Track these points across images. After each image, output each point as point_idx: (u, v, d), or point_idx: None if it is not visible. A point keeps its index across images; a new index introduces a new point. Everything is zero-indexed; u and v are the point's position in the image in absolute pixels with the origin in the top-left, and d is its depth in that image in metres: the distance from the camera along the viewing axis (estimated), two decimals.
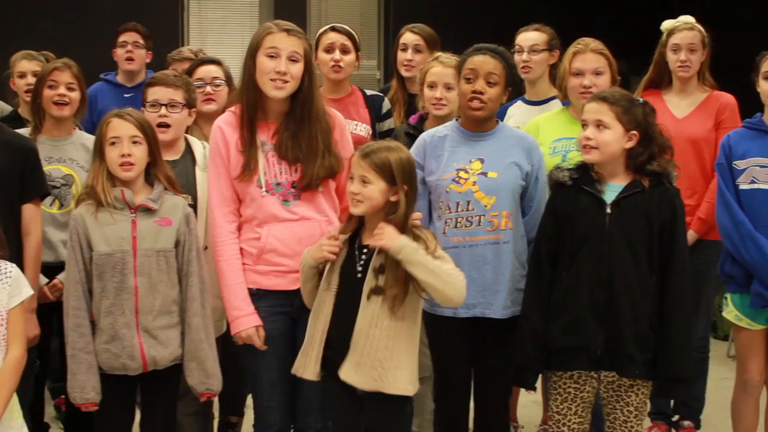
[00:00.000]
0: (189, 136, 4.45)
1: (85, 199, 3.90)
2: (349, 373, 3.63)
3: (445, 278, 3.60)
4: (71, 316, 3.84)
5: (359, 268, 3.70)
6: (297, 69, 3.83)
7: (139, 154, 3.88)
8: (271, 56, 3.82)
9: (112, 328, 3.82)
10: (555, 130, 4.78)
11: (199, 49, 6.12)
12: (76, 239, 3.84)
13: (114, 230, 3.84)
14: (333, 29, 5.15)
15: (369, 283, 3.64)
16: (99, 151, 3.90)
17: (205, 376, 3.93)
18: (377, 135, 5.14)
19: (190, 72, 4.92)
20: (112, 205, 3.85)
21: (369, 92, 5.34)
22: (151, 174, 3.96)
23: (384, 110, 5.28)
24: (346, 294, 3.70)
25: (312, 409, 3.95)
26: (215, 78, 4.91)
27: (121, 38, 6.31)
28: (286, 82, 3.82)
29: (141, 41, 6.32)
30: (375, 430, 3.77)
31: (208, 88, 4.86)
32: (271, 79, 3.81)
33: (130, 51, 6.28)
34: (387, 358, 3.61)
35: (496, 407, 4.27)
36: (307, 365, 3.73)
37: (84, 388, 3.83)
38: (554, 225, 4.00)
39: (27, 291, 3.73)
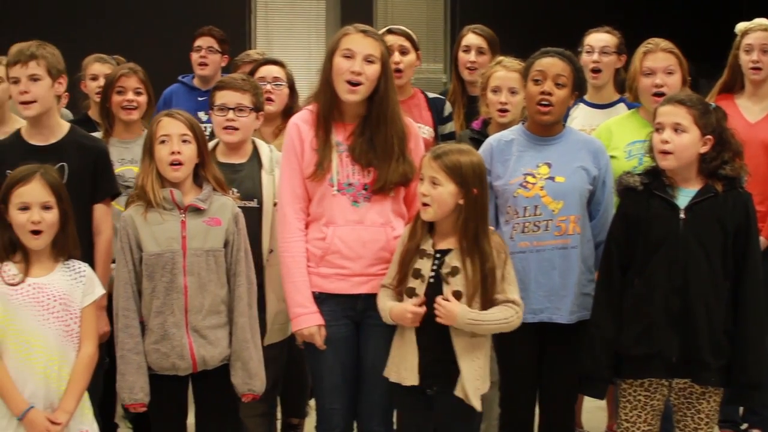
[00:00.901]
0: (256, 140, 4.47)
1: (135, 201, 3.93)
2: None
3: (503, 327, 3.73)
4: (121, 317, 3.87)
5: (432, 273, 3.71)
6: (372, 71, 3.82)
7: (188, 153, 3.90)
8: (347, 57, 3.82)
9: (161, 328, 3.85)
10: (629, 134, 4.71)
11: (265, 52, 6.15)
12: (125, 240, 3.87)
13: (163, 230, 3.86)
14: (389, 32, 5.14)
15: (446, 289, 3.68)
16: (149, 150, 3.92)
17: (248, 376, 3.92)
18: (439, 138, 5.13)
19: (253, 71, 4.96)
20: (161, 206, 3.87)
21: (431, 95, 5.33)
22: (199, 175, 3.98)
23: (446, 113, 5.28)
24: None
25: (375, 412, 3.94)
26: (276, 78, 4.93)
27: (197, 42, 6.34)
28: (360, 84, 3.82)
29: (215, 46, 6.34)
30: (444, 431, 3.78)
31: (268, 87, 4.88)
32: (346, 80, 3.81)
33: (204, 56, 6.30)
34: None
35: (561, 412, 4.25)
36: (406, 372, 3.75)
37: (132, 389, 3.85)
38: (625, 230, 3.96)
39: (99, 290, 3.81)
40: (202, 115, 5.73)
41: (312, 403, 5.24)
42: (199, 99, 6.12)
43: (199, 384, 3.98)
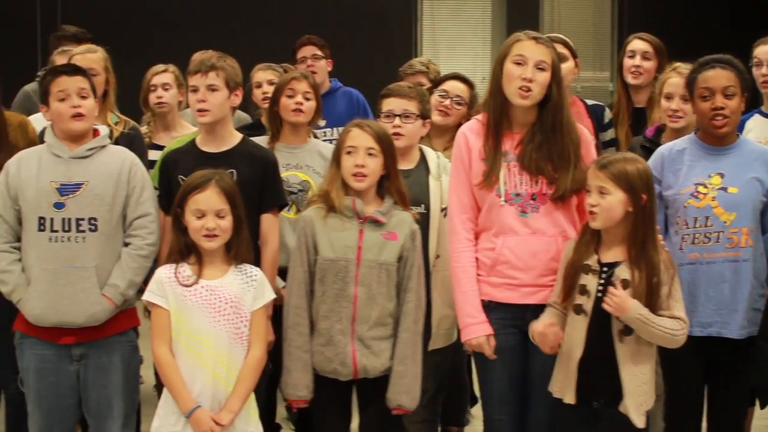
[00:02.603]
0: (424, 146, 4.49)
1: (317, 202, 3.99)
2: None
3: (669, 338, 3.64)
4: (291, 315, 3.93)
5: (599, 287, 3.67)
6: (543, 77, 3.80)
7: (373, 165, 3.93)
8: (518, 63, 3.81)
9: (328, 332, 3.90)
10: None
11: (429, 60, 6.16)
12: (303, 240, 3.94)
13: (341, 237, 3.91)
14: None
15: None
16: (336, 158, 3.98)
17: (399, 391, 3.93)
18: (600, 145, 5.06)
19: (439, 82, 4.98)
20: (342, 213, 3.92)
21: (590, 102, 5.27)
22: (383, 186, 4.01)
23: (606, 120, 5.21)
24: (592, 316, 3.69)
25: (542, 424, 3.91)
26: (459, 96, 4.94)
27: (299, 54, 6.34)
28: (530, 90, 3.80)
29: (319, 52, 6.38)
30: None
31: (447, 102, 4.90)
32: (518, 87, 3.80)
33: (311, 65, 6.33)
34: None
35: (729, 429, 4.14)
36: (568, 389, 3.72)
37: (297, 386, 3.91)
38: None
39: (270, 295, 3.87)
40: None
41: (473, 411, 5.27)
42: None
43: (363, 390, 4.01)
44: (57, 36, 5.93)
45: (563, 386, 3.74)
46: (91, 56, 4.87)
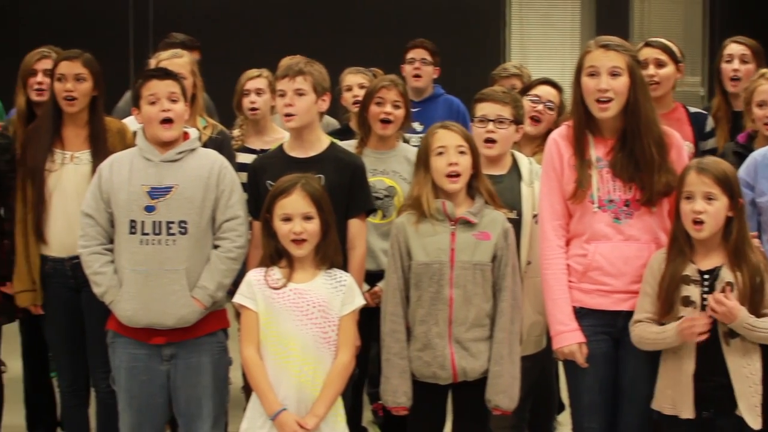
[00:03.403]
0: (515, 152, 4.46)
1: (407, 209, 3.99)
2: None
3: None
4: (388, 322, 3.93)
5: (703, 298, 3.62)
6: (619, 84, 3.76)
7: (465, 164, 3.92)
8: (592, 75, 3.78)
9: (425, 336, 3.89)
10: None
11: (521, 64, 6.13)
12: (396, 247, 3.94)
13: (433, 241, 3.90)
14: (647, 44, 5.04)
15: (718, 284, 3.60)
16: (424, 162, 3.98)
17: (496, 391, 3.90)
18: (699, 154, 4.97)
19: (530, 86, 4.96)
20: (433, 217, 3.91)
21: (692, 110, 5.18)
22: (472, 187, 3.99)
23: (708, 128, 5.12)
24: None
25: None
26: (550, 101, 4.91)
27: (409, 55, 6.39)
28: (609, 100, 3.75)
29: (428, 57, 6.39)
30: None
31: (540, 107, 4.87)
32: (595, 100, 3.77)
33: (418, 67, 6.35)
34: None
35: None
36: (683, 405, 3.66)
37: (396, 392, 3.91)
38: None
39: (359, 301, 3.87)
40: (416, 125, 5.79)
41: (559, 418, 5.22)
42: (412, 110, 6.18)
43: (458, 394, 3.99)
44: (166, 43, 6.02)
45: (676, 402, 3.67)
46: (178, 61, 4.92)
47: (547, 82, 5.04)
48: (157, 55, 5.17)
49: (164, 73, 4.12)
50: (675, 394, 3.67)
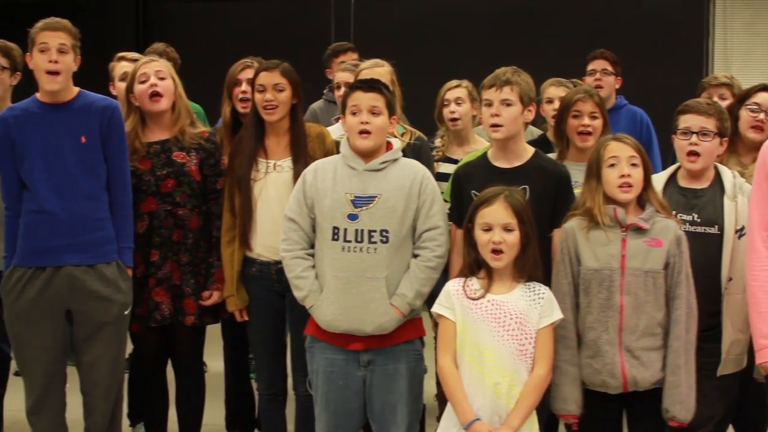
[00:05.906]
0: (719, 165, 4.34)
1: (576, 215, 3.97)
2: None
3: None
4: (558, 328, 3.87)
5: None
6: None
7: (636, 176, 3.90)
8: None
9: (595, 344, 3.86)
10: None
11: (732, 75, 5.98)
12: (566, 252, 3.93)
13: (604, 247, 3.87)
14: None
15: None
16: (596, 173, 3.95)
17: (673, 402, 3.83)
18: None
19: (749, 94, 4.83)
20: (604, 224, 3.88)
21: None
22: (642, 196, 3.95)
23: None
24: None
25: None
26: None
27: (590, 66, 6.32)
28: None
29: (610, 68, 6.29)
30: None
31: (762, 116, 4.72)
32: None
33: (599, 78, 6.26)
34: None
35: None
36: None
37: (566, 400, 3.89)
38: None
39: (557, 314, 3.84)
40: None
41: None
42: None
43: (632, 406, 3.95)
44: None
45: None
46: (378, 70, 5.00)
47: (766, 88, 4.87)
48: (355, 65, 5.28)
49: (369, 86, 4.16)
50: None
